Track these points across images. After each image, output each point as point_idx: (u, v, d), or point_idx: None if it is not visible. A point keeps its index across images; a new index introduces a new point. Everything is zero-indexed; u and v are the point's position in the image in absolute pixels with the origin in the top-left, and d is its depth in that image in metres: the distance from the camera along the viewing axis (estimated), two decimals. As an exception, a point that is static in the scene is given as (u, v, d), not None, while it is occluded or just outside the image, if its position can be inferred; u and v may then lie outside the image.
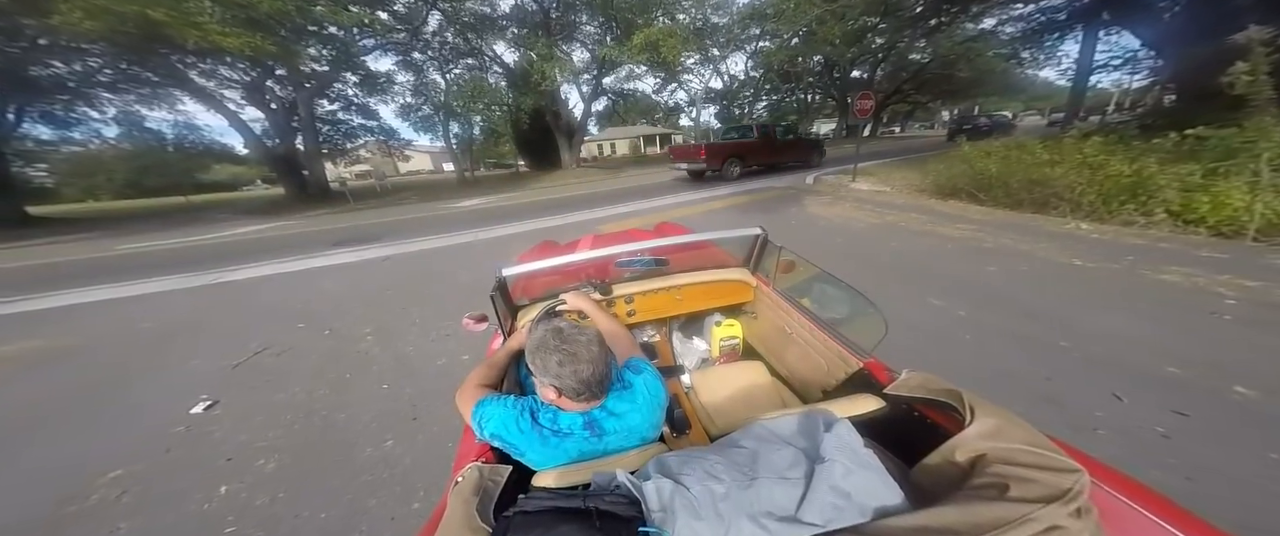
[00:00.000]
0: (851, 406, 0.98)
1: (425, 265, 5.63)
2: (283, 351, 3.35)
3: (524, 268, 1.59)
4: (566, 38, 21.05)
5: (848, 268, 4.07)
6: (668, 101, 32.04)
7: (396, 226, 8.93)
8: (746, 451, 0.79)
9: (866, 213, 6.65)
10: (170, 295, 5.15)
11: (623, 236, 2.60)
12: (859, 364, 1.29)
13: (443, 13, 17.64)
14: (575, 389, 0.93)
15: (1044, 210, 5.60)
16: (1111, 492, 0.70)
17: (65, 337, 3.95)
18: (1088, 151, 5.45)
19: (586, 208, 9.33)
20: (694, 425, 1.52)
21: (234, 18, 10.45)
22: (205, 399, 2.70)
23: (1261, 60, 4.15)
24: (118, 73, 14.50)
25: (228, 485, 1.99)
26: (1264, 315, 2.74)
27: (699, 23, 21.63)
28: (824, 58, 25.78)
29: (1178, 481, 1.60)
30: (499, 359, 1.35)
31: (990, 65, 24.37)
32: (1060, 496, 0.58)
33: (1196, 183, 4.51)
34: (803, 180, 10.86)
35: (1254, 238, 4.00)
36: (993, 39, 19.88)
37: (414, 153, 46.32)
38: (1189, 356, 2.35)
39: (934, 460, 0.78)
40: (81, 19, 8.84)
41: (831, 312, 1.67)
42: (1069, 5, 14.29)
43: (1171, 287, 3.28)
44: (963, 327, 2.89)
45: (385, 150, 25.66)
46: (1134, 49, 14.75)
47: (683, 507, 0.66)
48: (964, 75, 26.74)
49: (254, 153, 20.22)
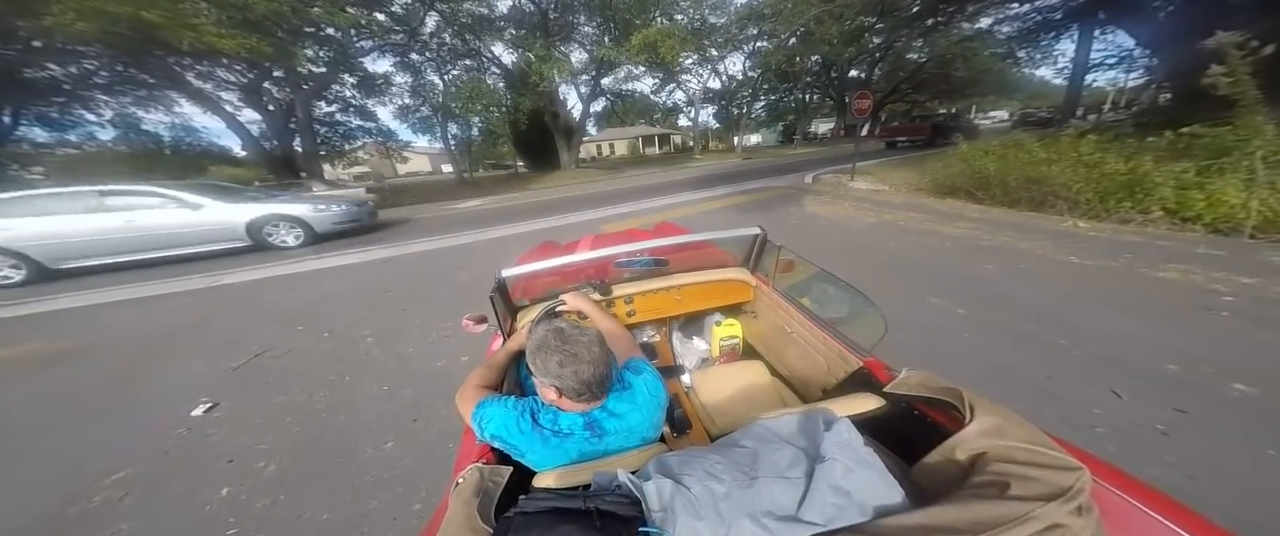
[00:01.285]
0: (851, 405, 0.99)
1: (425, 266, 5.63)
2: (283, 353, 3.34)
3: (523, 269, 1.59)
4: (564, 38, 21.03)
5: (847, 266, 4.07)
6: (666, 102, 32.10)
7: (396, 227, 8.92)
8: (747, 451, 0.80)
9: (865, 211, 6.66)
10: (169, 297, 5.14)
11: (622, 236, 2.60)
12: (859, 363, 1.29)
13: (440, 14, 17.61)
14: (576, 389, 0.93)
15: (1041, 208, 5.62)
16: (1112, 490, 0.70)
17: (65, 340, 3.94)
18: (1084, 150, 5.47)
19: (586, 208, 9.33)
20: (694, 425, 1.52)
21: (230, 19, 10.41)
22: (206, 401, 2.70)
23: (1238, 62, 4.17)
24: (113, 75, 14.44)
25: (229, 487, 1.99)
26: (1261, 311, 2.75)
27: (697, 23, 21.65)
28: (821, 58, 25.80)
29: (1177, 478, 1.60)
30: (499, 360, 1.35)
31: (987, 64, 24.42)
32: (1061, 494, 0.58)
33: (1192, 180, 4.53)
34: (802, 179, 10.88)
35: (1250, 235, 4.02)
36: (989, 38, 19.93)
37: (412, 154, 46.13)
38: (1187, 353, 2.36)
39: (934, 458, 0.78)
40: (73, 20, 8.78)
41: (831, 312, 1.67)
42: (1064, 4, 14.32)
43: (1169, 285, 3.29)
44: (961, 325, 2.90)
45: (383, 152, 25.60)
46: (1129, 48, 14.83)
47: (683, 507, 0.66)
48: (961, 74, 26.78)
49: (252, 155, 20.16)
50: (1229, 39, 4.20)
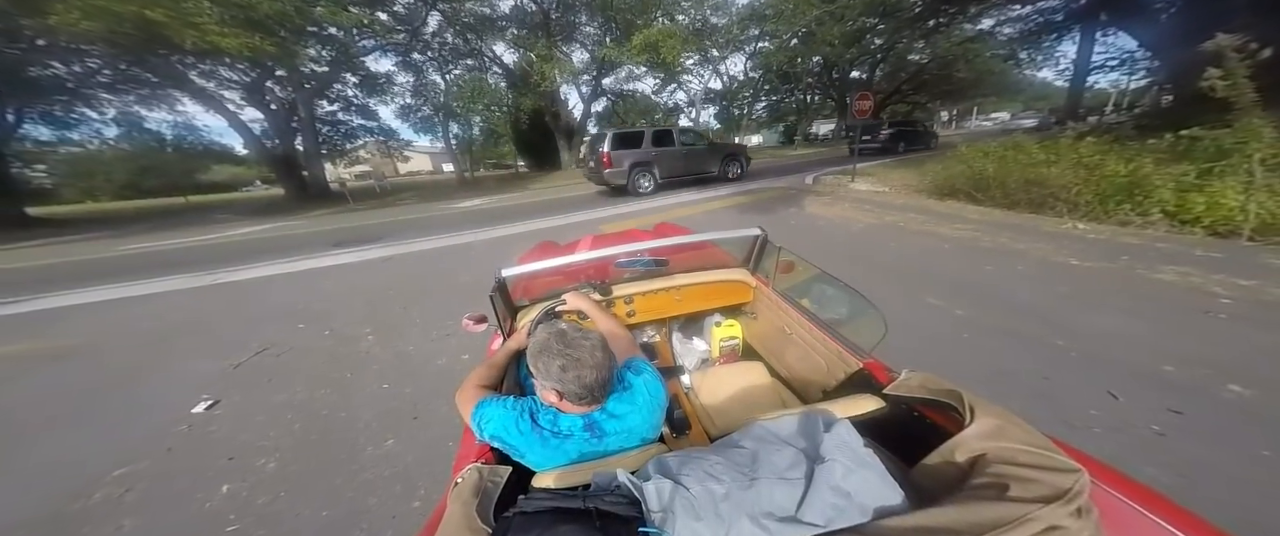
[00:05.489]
0: (851, 406, 0.99)
1: (425, 266, 5.63)
2: (284, 351, 3.35)
3: (523, 268, 1.59)
4: (566, 38, 21.06)
5: (846, 267, 4.07)
6: (667, 102, 32.02)
7: (396, 227, 8.92)
8: (746, 452, 0.80)
9: (865, 213, 6.66)
10: (171, 295, 5.14)
11: (622, 237, 2.60)
12: (859, 364, 1.29)
13: (442, 13, 17.65)
14: (578, 393, 0.93)
15: (1041, 210, 5.61)
16: (1111, 492, 0.70)
17: (67, 338, 3.95)
18: (1084, 152, 5.46)
19: (586, 208, 9.33)
20: (694, 425, 1.52)
21: (233, 18, 10.43)
22: (207, 398, 2.70)
23: (1236, 66, 4.16)
24: (117, 73, 14.46)
25: (230, 484, 2.00)
26: (1259, 314, 2.75)
27: (698, 24, 21.64)
28: (823, 58, 25.76)
29: (1172, 478, 1.61)
30: (499, 359, 1.35)
31: (988, 66, 24.40)
32: (1060, 496, 0.58)
33: (1191, 183, 4.52)
34: (802, 180, 10.87)
35: (1249, 237, 4.02)
36: (991, 40, 19.92)
37: (413, 153, 46.15)
38: (1184, 355, 2.36)
39: (934, 460, 0.78)
40: (79, 19, 8.81)
41: (831, 313, 1.67)
42: (1066, 6, 14.33)
43: (1167, 287, 3.29)
44: (960, 327, 2.90)
45: (385, 151, 25.60)
46: (1131, 50, 14.83)
47: (683, 508, 0.66)
48: (962, 76, 26.76)
49: (253, 153, 20.24)
50: (1227, 42, 4.19)
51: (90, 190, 32.50)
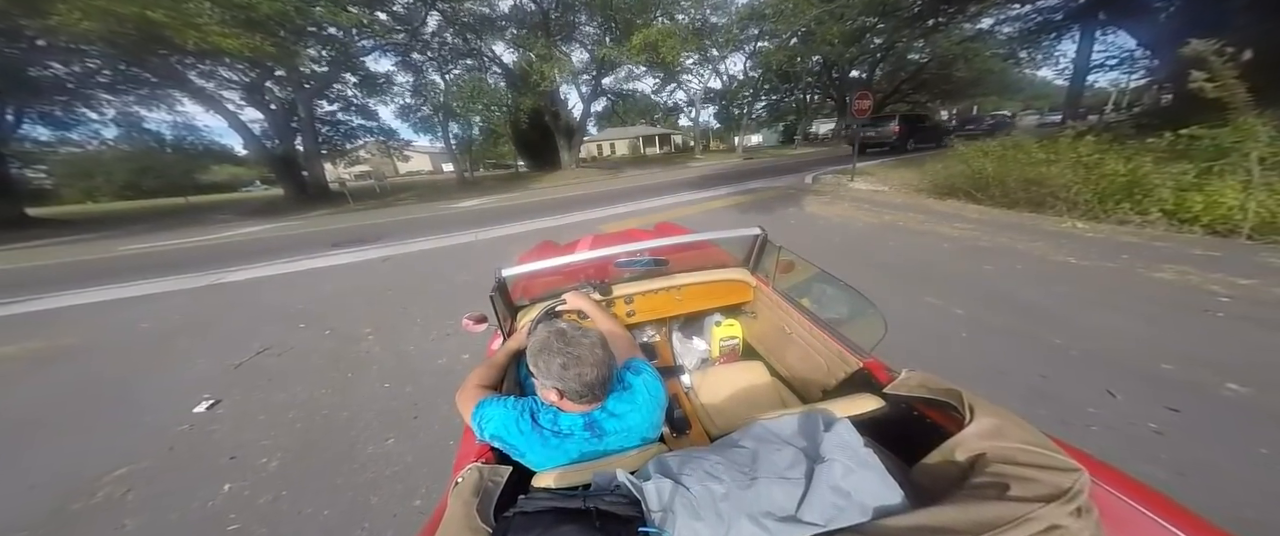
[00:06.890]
0: (851, 406, 0.99)
1: (425, 265, 5.64)
2: (284, 351, 3.35)
3: (523, 268, 1.59)
4: (566, 38, 21.02)
5: (846, 267, 4.08)
6: (667, 102, 32.03)
7: (396, 227, 8.93)
8: (746, 451, 0.80)
9: (865, 212, 6.66)
10: (171, 296, 5.15)
11: (622, 236, 2.60)
12: (859, 363, 1.29)
13: (442, 13, 17.62)
14: (578, 391, 0.93)
15: (1040, 209, 5.62)
16: (1111, 491, 0.70)
17: (67, 338, 3.95)
18: (1083, 151, 5.46)
19: (587, 208, 9.33)
20: (694, 425, 1.52)
21: (233, 19, 10.43)
22: (208, 398, 2.71)
23: (1221, 68, 4.16)
24: (116, 74, 14.46)
25: (231, 483, 2.00)
26: (1257, 313, 2.76)
27: (698, 23, 21.59)
28: (822, 58, 25.74)
29: (1169, 476, 1.61)
30: (499, 359, 1.35)
31: (988, 65, 24.37)
32: (1060, 495, 0.58)
33: (1190, 182, 4.52)
34: (802, 180, 10.88)
35: (1248, 236, 4.02)
36: (991, 39, 19.90)
37: (413, 153, 46.16)
38: (1182, 353, 2.37)
39: (934, 459, 0.78)
40: (79, 19, 8.82)
41: (831, 312, 1.67)
42: (1066, 5, 14.31)
43: (1166, 285, 3.29)
44: (959, 325, 2.91)
45: (384, 151, 25.59)
46: (1130, 49, 14.82)
47: (683, 507, 0.66)
48: (962, 75, 26.74)
49: (253, 153, 20.20)
50: (1203, 47, 4.19)
51: (90, 190, 32.54)
